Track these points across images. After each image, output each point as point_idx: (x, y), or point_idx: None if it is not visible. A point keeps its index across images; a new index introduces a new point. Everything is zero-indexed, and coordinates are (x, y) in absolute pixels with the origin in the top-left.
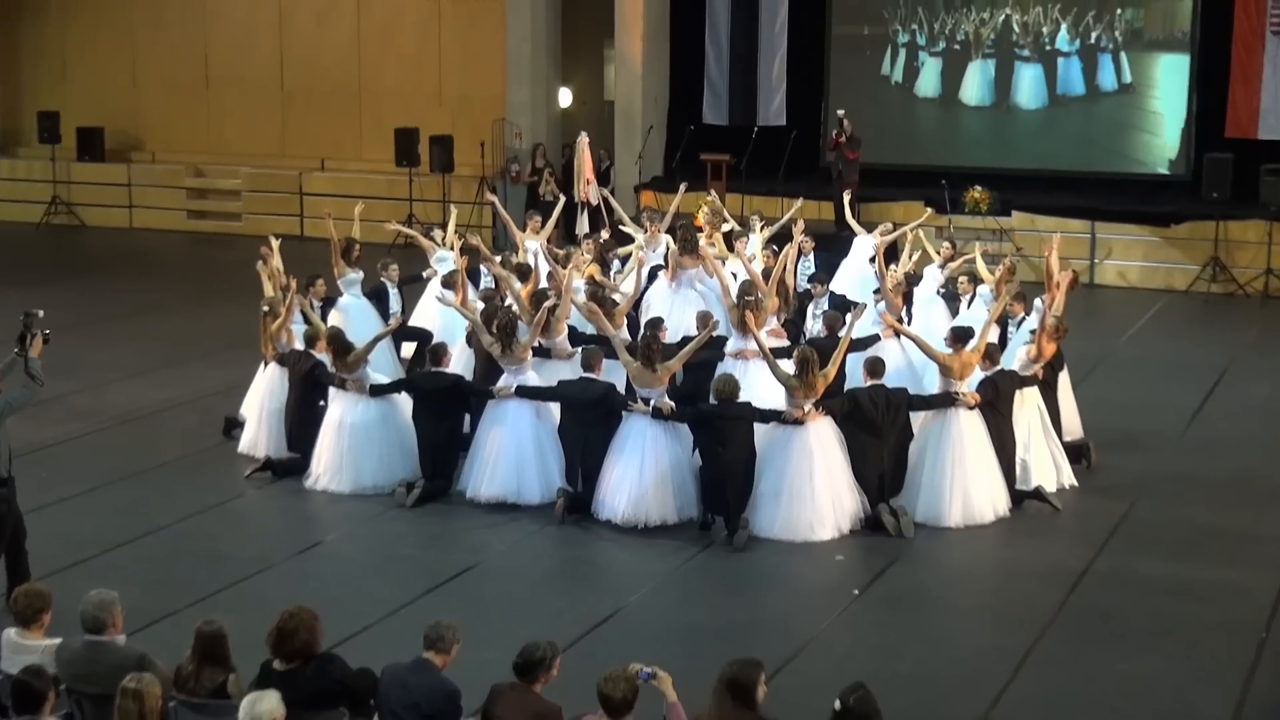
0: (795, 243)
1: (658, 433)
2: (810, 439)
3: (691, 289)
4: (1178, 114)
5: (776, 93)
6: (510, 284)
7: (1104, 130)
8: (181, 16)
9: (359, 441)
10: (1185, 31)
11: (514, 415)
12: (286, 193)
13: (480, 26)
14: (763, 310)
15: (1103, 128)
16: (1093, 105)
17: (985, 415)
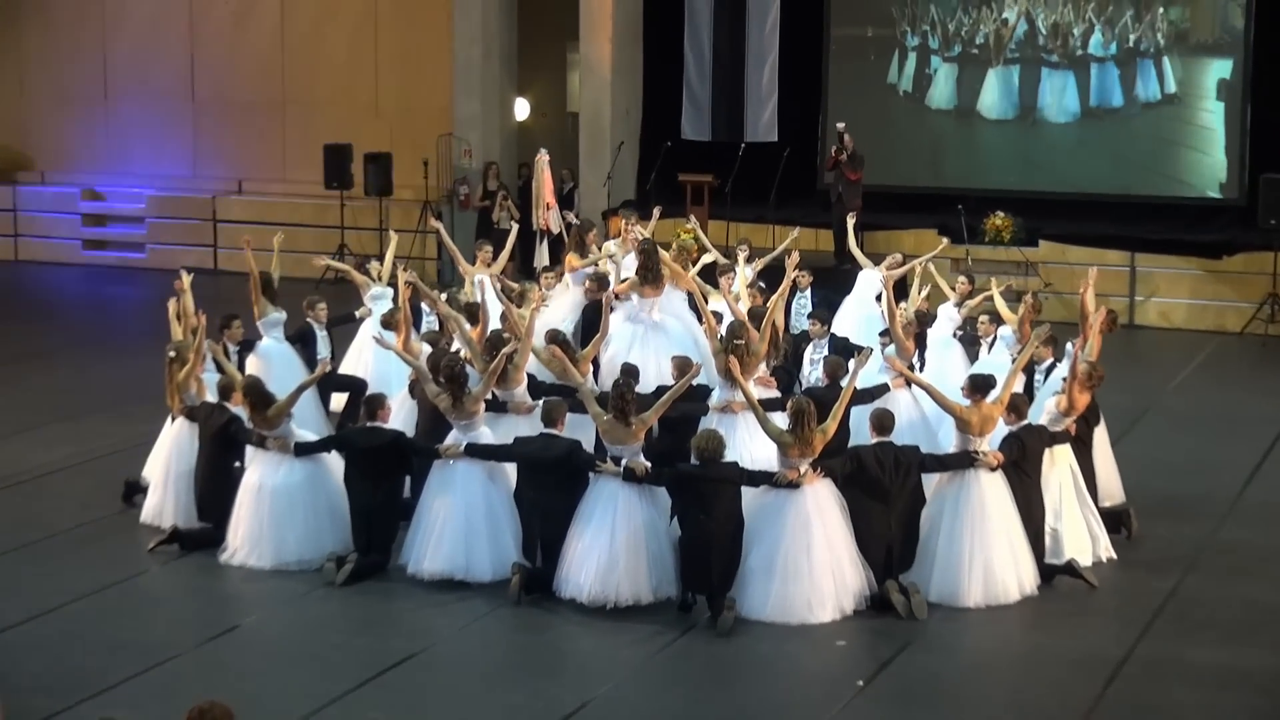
0: (789, 278)
1: (630, 497)
2: (807, 505)
3: (658, 328)
4: (1230, 128)
5: (767, 104)
6: (459, 325)
7: (1145, 147)
8: (77, 17)
9: (281, 509)
10: (1238, 33)
11: (463, 478)
12: (198, 219)
13: (423, 28)
14: (753, 356)
15: (1143, 144)
16: (1132, 118)
17: (1009, 477)
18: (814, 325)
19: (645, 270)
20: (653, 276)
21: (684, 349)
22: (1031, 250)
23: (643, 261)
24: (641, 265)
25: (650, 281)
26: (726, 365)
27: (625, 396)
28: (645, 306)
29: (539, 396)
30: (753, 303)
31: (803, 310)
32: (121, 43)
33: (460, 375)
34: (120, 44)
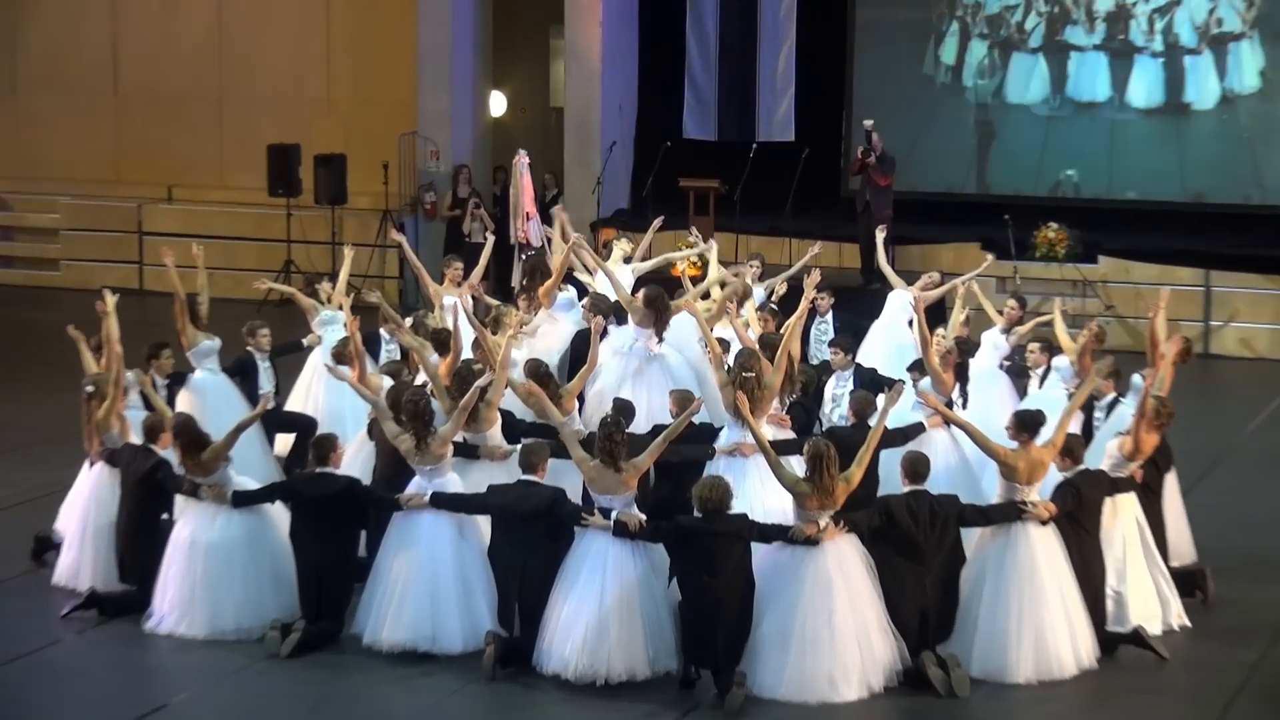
0: (808, 299)
1: (622, 555)
2: (828, 564)
3: (655, 359)
4: None
5: (782, 99)
6: (424, 356)
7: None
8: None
9: (217, 568)
10: None
11: (429, 533)
12: (121, 231)
13: (382, 10)
14: (765, 390)
15: (1223, 145)
16: (1210, 114)
17: (1064, 532)
18: (836, 355)
19: (659, 326)
20: (662, 328)
21: (685, 383)
22: (1090, 268)
23: (655, 318)
24: (656, 320)
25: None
26: (734, 401)
27: (615, 438)
28: (642, 335)
29: (516, 438)
30: (765, 329)
31: (823, 337)
32: (33, 28)
33: (425, 413)
34: (32, 29)
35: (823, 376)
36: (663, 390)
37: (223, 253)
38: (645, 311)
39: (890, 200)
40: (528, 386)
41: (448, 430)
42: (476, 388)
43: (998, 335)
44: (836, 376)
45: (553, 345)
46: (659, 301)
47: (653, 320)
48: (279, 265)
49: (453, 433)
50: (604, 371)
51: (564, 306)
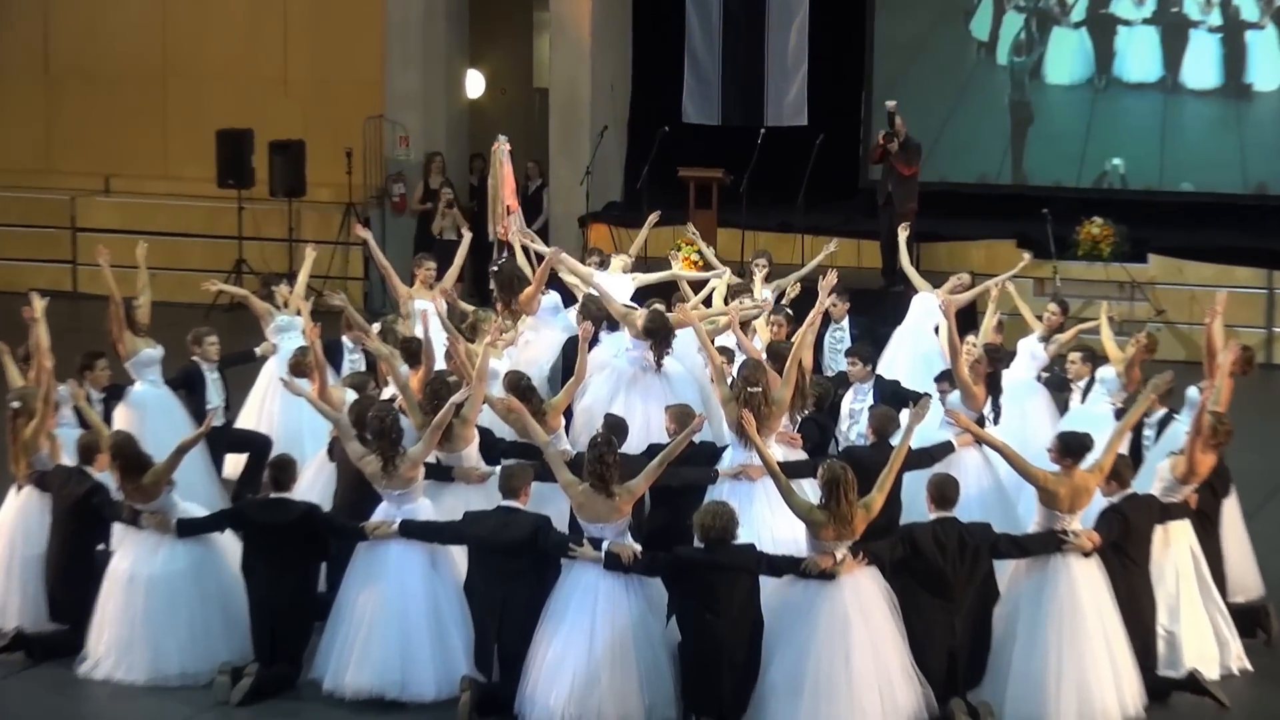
0: (822, 303)
1: (615, 592)
2: (846, 601)
3: (650, 370)
4: None
5: (793, 78)
6: (392, 367)
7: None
8: None
9: (159, 606)
10: None
11: (397, 566)
12: (52, 227)
13: None
14: (774, 406)
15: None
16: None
17: (1109, 564)
18: (854, 366)
19: (658, 354)
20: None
21: (685, 397)
22: (1139, 268)
23: (654, 347)
24: (655, 349)
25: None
26: (739, 419)
27: (607, 459)
28: (639, 345)
29: (496, 460)
30: (773, 337)
31: (839, 346)
32: None
33: (393, 431)
34: None
35: (839, 390)
36: (660, 405)
37: (167, 251)
38: (644, 340)
39: (915, 192)
40: (508, 402)
41: (418, 451)
42: (451, 403)
43: (1035, 343)
44: (854, 390)
45: (539, 355)
46: (661, 332)
47: (652, 349)
48: (229, 265)
49: (424, 453)
50: (594, 384)
51: (549, 312)
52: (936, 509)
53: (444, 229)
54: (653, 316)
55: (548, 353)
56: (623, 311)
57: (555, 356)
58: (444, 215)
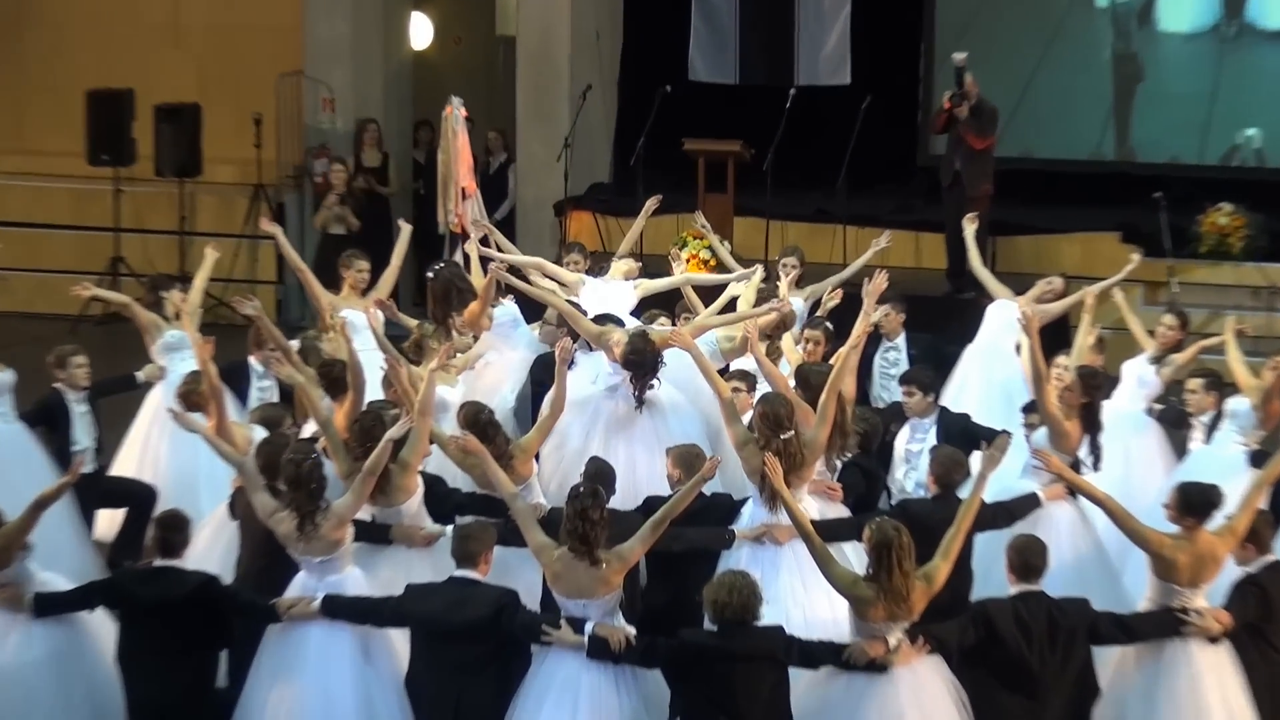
0: (869, 315)
1: (601, 687)
2: (901, 700)
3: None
4: None
5: (832, 26)
6: (311, 396)
7: None
8: None
9: (10, 703)
10: None
11: (319, 654)
12: None
13: None
14: (806, 448)
15: None
16: None
17: (1243, 652)
18: (911, 395)
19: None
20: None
21: (687, 435)
22: (1278, 269)
23: (633, 376)
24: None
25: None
26: (761, 465)
27: (590, 516)
28: (620, 370)
29: (448, 517)
30: (806, 358)
31: (892, 370)
32: None
33: (313, 480)
34: None
35: (891, 426)
36: (655, 447)
37: (22, 246)
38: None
39: (990, 170)
40: (463, 441)
41: (346, 505)
42: (388, 440)
43: (1145, 366)
44: (911, 426)
45: (499, 381)
46: (641, 363)
47: (632, 382)
48: (104, 264)
49: (353, 508)
50: (574, 419)
51: (506, 327)
52: (1019, 581)
53: (328, 220)
54: (633, 343)
55: (510, 378)
56: (595, 332)
57: (520, 382)
58: (330, 206)
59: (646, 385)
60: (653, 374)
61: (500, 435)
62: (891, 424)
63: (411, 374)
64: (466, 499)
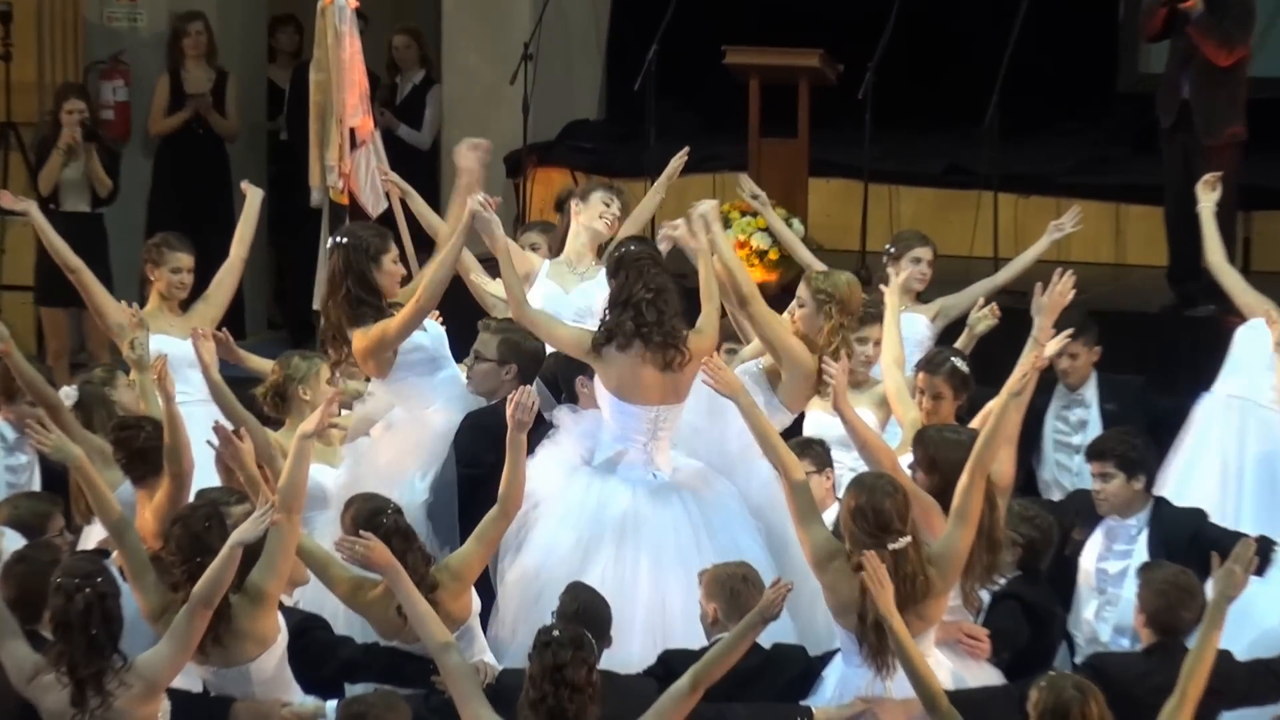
0: (1039, 349)
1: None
2: None
3: (665, 491)
4: None
5: None
6: (94, 482)
7: None
8: None
9: None
10: None
11: None
12: None
13: None
14: (935, 572)
15: None
16: None
17: None
18: (1106, 479)
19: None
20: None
21: (734, 542)
22: None
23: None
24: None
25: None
26: (858, 592)
27: (571, 680)
28: (633, 423)
29: (329, 683)
30: (926, 419)
31: (1073, 438)
32: None
33: (95, 621)
34: None
35: (1074, 531)
36: (681, 564)
37: None
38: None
39: (1240, 102)
40: (361, 548)
41: (160, 662)
42: (231, 553)
43: None
44: (1107, 532)
45: (402, 461)
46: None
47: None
48: None
49: (171, 667)
50: (543, 520)
51: (421, 366)
52: None
53: (64, 188)
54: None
55: (421, 455)
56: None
57: (439, 460)
58: (66, 152)
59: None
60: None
61: (415, 549)
62: (1074, 528)
63: (266, 441)
64: (362, 654)
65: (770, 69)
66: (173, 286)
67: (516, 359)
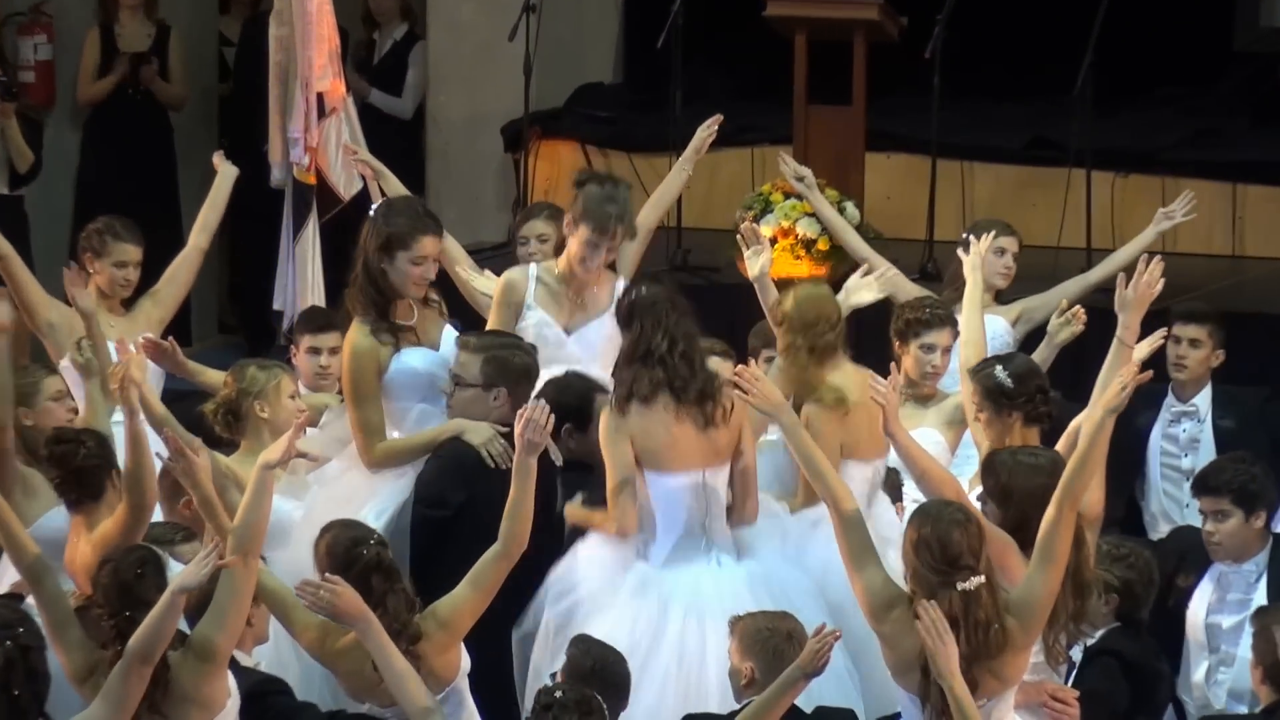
0: (1122, 349)
1: None
2: None
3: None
4: None
5: None
6: (13, 539)
7: None
8: None
9: None
10: None
11: None
12: None
13: None
14: (1014, 619)
15: None
16: None
17: None
18: (1220, 516)
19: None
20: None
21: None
22: None
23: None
24: None
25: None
26: (919, 645)
27: None
28: (675, 500)
29: None
30: (998, 437)
31: (1181, 461)
32: None
33: (16, 669)
34: None
35: (1179, 576)
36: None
37: None
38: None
39: None
40: (329, 594)
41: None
42: (172, 600)
43: None
44: (1216, 577)
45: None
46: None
47: None
48: None
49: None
50: (591, 613)
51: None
52: None
53: None
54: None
55: (383, 488)
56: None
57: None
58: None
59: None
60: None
61: (398, 590)
62: (1180, 572)
63: (218, 474)
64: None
65: (820, 22)
66: (116, 283)
67: (504, 381)
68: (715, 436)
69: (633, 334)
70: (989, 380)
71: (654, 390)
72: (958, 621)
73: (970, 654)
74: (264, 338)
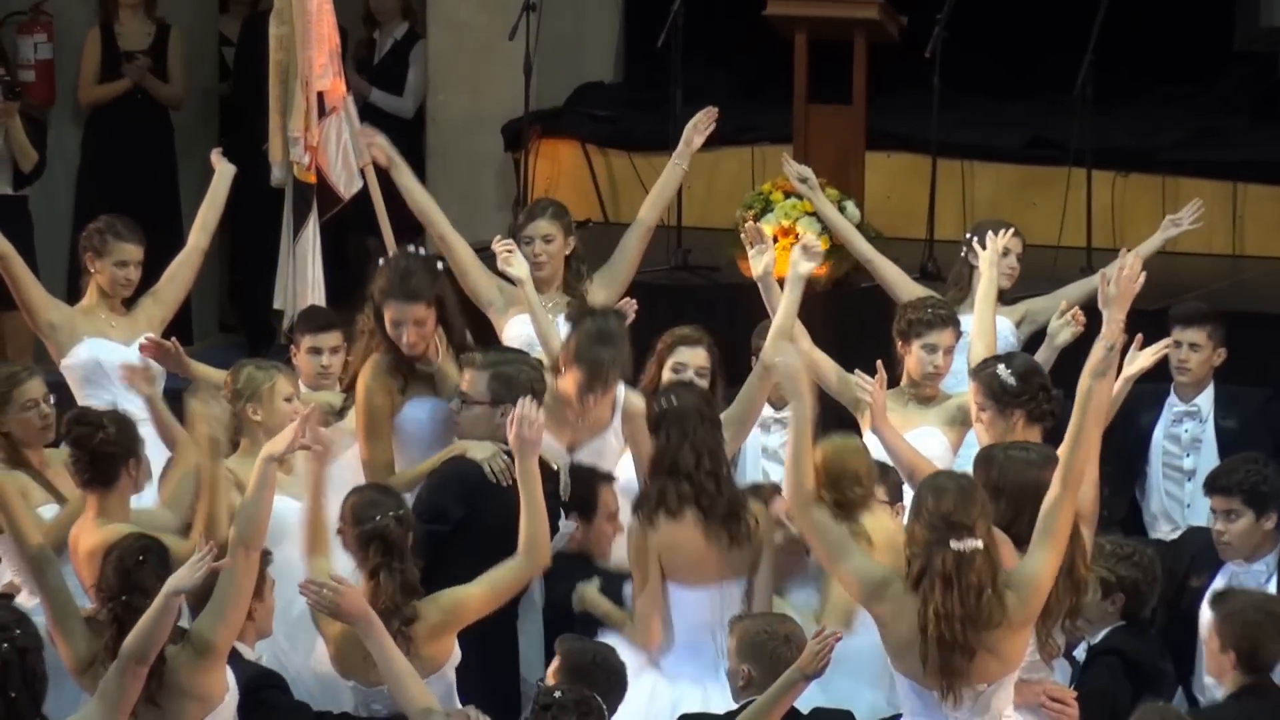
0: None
1: None
2: None
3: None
4: None
5: None
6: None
7: None
8: None
9: None
10: None
11: None
12: None
13: None
14: (1013, 597)
15: None
16: None
17: None
18: (1230, 516)
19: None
20: None
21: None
22: None
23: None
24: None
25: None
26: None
27: None
28: (692, 614)
29: None
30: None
31: (1184, 460)
32: None
33: (13, 670)
34: None
35: (1190, 577)
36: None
37: None
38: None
39: None
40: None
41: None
42: (169, 598)
43: None
44: (1228, 577)
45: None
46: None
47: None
48: None
49: None
50: None
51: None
52: None
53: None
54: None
55: None
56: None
57: None
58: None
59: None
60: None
61: (395, 569)
62: (1190, 572)
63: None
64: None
65: (820, 22)
66: (117, 282)
67: (511, 397)
68: (739, 553)
69: (659, 444)
70: (991, 379)
71: (681, 505)
72: (951, 580)
73: (964, 615)
74: (264, 337)
